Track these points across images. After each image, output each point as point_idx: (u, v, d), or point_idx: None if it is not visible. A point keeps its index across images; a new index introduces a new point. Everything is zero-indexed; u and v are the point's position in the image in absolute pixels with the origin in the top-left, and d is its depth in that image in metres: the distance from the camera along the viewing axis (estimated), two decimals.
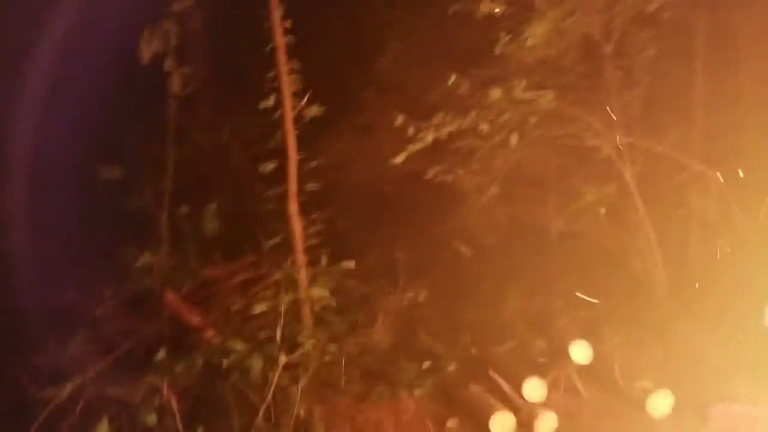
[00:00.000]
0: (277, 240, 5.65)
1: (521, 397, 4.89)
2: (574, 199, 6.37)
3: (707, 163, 5.99)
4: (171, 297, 5.81)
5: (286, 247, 5.62)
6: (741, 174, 5.92)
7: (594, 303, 6.22)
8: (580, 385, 5.13)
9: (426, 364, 5.56)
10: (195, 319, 5.61)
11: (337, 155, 6.97)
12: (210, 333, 5.36)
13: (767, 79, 6.11)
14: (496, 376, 5.08)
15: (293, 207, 5.63)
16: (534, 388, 4.89)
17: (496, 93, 5.73)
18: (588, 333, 5.76)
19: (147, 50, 5.48)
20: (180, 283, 5.81)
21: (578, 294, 6.31)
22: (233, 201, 6.65)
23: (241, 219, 6.35)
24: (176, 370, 4.80)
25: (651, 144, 5.99)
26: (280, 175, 5.78)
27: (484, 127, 6.04)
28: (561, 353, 5.24)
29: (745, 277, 5.26)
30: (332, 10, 7.70)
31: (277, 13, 5.35)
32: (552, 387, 5.09)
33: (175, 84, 5.79)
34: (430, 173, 6.47)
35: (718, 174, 5.71)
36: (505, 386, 4.98)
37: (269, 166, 5.61)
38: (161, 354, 4.82)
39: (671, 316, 5.75)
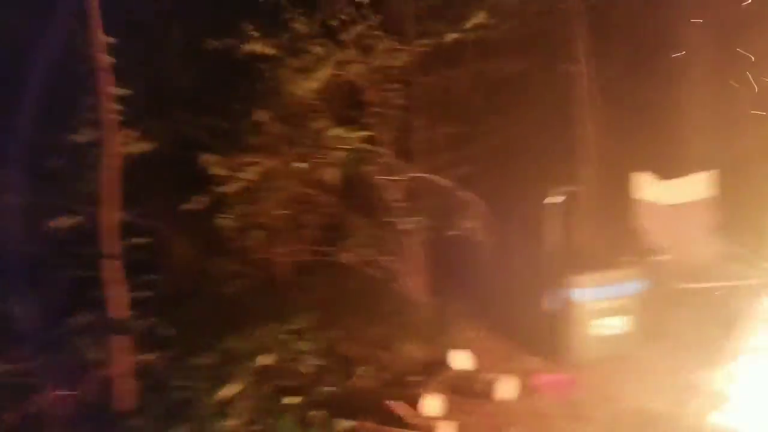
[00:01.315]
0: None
1: (419, 415, 5.19)
2: (353, 234, 6.89)
3: None
4: None
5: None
6: None
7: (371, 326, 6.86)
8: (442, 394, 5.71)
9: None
10: None
11: None
12: None
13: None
14: (391, 403, 5.24)
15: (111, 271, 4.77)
16: (431, 404, 5.27)
17: (335, 131, 5.84)
18: (383, 348, 6.47)
19: None
20: None
21: None
22: None
23: None
24: None
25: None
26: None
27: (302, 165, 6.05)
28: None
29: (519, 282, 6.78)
30: None
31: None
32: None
33: None
34: None
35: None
36: (401, 410, 5.20)
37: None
38: None
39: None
